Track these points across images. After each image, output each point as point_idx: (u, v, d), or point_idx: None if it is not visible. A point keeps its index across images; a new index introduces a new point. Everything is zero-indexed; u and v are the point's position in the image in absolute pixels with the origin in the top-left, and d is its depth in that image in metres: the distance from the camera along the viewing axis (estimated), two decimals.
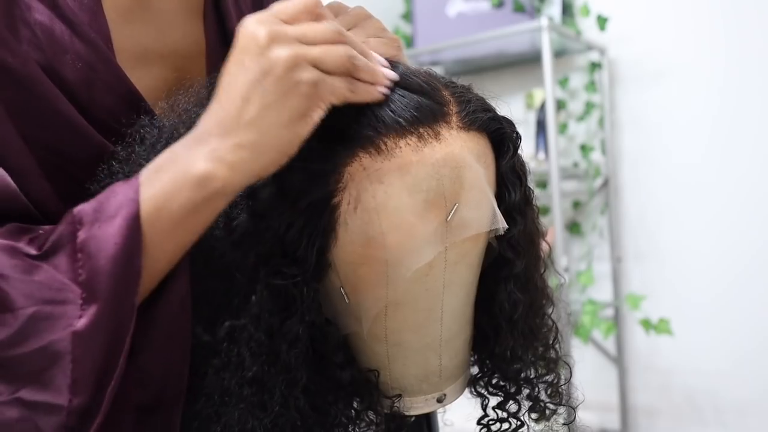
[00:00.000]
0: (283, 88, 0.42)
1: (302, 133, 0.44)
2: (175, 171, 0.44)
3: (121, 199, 0.44)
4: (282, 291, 0.46)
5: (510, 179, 0.52)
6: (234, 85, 0.43)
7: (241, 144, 0.43)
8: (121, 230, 0.44)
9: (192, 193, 0.44)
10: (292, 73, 0.42)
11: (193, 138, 0.45)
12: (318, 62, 0.43)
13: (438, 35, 2.17)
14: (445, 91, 0.49)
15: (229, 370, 0.47)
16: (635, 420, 2.18)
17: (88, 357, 0.43)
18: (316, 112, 0.44)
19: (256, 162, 0.44)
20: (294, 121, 0.43)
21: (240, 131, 0.43)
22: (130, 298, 0.44)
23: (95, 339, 0.43)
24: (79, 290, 0.43)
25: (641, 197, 2.12)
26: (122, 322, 0.44)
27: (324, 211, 0.46)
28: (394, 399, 0.54)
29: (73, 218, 0.45)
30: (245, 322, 0.47)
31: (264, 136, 0.43)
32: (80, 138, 0.51)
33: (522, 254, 0.53)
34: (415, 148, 0.46)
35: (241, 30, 0.44)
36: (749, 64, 1.92)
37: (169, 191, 0.44)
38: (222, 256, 0.47)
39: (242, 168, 0.44)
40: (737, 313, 1.97)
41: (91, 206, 0.45)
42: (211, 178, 0.43)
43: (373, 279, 0.48)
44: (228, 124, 0.43)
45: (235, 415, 0.47)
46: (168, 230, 0.45)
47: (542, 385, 0.58)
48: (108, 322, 0.43)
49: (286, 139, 0.44)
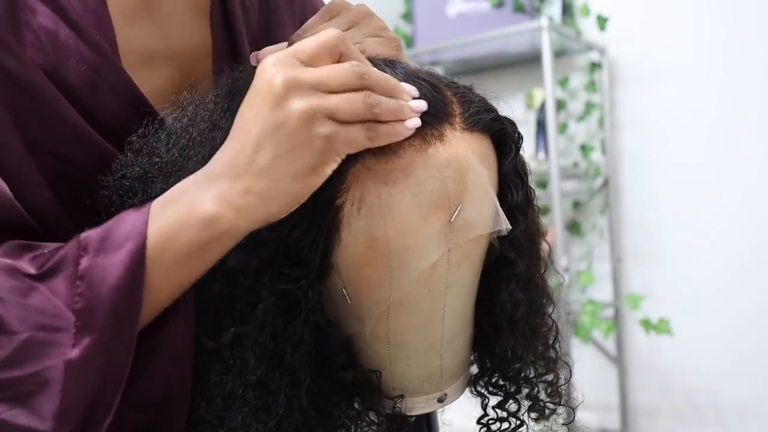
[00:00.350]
0: (296, 142, 0.42)
1: (313, 185, 0.43)
2: (182, 209, 0.44)
3: (129, 231, 0.44)
4: (286, 294, 0.46)
5: (512, 179, 0.52)
6: (248, 131, 0.43)
7: (249, 190, 0.43)
8: (124, 263, 0.43)
9: (197, 233, 0.44)
10: (307, 127, 0.41)
11: (204, 176, 0.45)
12: (335, 114, 0.42)
13: (438, 35, 2.17)
14: (447, 92, 0.49)
15: (233, 374, 0.47)
16: (635, 420, 2.18)
17: (79, 388, 0.42)
18: (330, 165, 0.43)
19: (264, 209, 0.43)
20: (305, 174, 0.43)
21: (250, 178, 0.43)
22: (128, 332, 0.43)
23: (88, 370, 0.42)
24: (73, 318, 0.43)
25: (641, 197, 2.12)
26: (119, 355, 0.43)
27: (328, 212, 0.46)
28: (396, 400, 0.54)
29: (79, 243, 0.44)
30: (250, 325, 0.46)
31: (274, 185, 0.43)
32: (85, 143, 0.51)
33: (524, 254, 0.53)
34: (419, 149, 0.46)
35: (259, 72, 0.43)
36: (749, 64, 1.92)
37: (174, 229, 0.44)
38: (225, 261, 0.47)
39: (249, 213, 0.43)
40: (737, 313, 1.97)
41: (98, 234, 0.45)
42: (218, 219, 0.43)
43: (376, 280, 0.48)
44: (239, 169, 0.43)
45: (239, 419, 0.47)
46: (171, 267, 0.44)
47: (542, 384, 0.58)
48: (103, 355, 0.43)
49: (295, 190, 0.43)
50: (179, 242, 0.44)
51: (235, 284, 0.47)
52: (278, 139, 0.42)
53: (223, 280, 0.48)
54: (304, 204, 0.45)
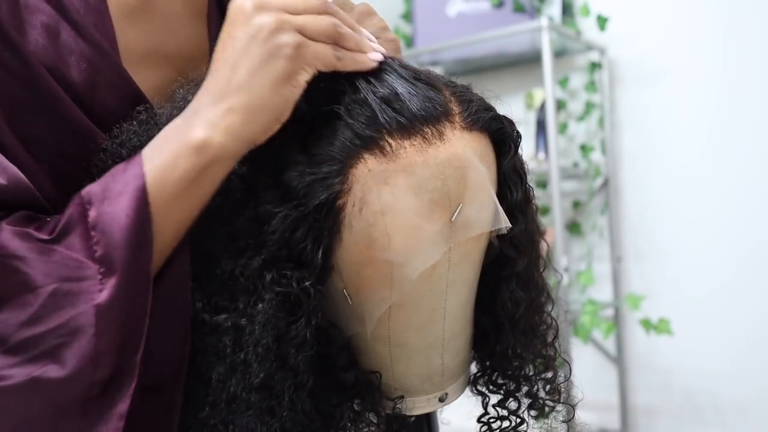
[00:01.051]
0: (267, 51, 0.45)
1: (290, 96, 0.46)
2: (174, 141, 0.47)
3: (127, 176, 0.46)
4: (288, 295, 0.46)
5: (511, 178, 0.52)
6: (223, 55, 0.46)
7: (232, 108, 0.45)
8: (130, 203, 0.45)
9: (191, 160, 0.46)
10: (276, 36, 0.45)
11: (191, 110, 0.47)
12: (301, 28, 0.45)
13: (438, 35, 2.17)
14: (446, 91, 0.49)
15: (236, 377, 0.47)
16: (635, 420, 2.18)
17: (111, 329, 0.44)
18: (302, 75, 0.46)
19: (249, 125, 0.46)
20: (281, 83, 0.45)
21: (230, 96, 0.45)
22: (145, 267, 0.45)
23: (117, 310, 0.44)
24: (96, 266, 0.44)
25: (641, 197, 2.12)
26: (141, 291, 0.45)
27: (329, 213, 0.46)
28: (397, 400, 0.54)
29: (82, 199, 0.46)
30: (252, 327, 0.46)
31: (253, 100, 0.45)
32: (85, 139, 0.52)
33: (523, 252, 0.54)
34: (419, 149, 0.46)
35: (231, 4, 0.47)
36: (749, 64, 1.92)
37: (170, 161, 0.46)
38: (227, 264, 0.47)
39: (236, 132, 0.46)
40: (737, 313, 1.97)
41: (99, 186, 0.47)
42: (208, 144, 0.45)
43: (377, 280, 0.48)
44: (219, 91, 0.46)
45: (244, 421, 0.47)
46: (172, 200, 0.46)
47: (541, 382, 0.58)
48: (127, 293, 0.45)
49: (274, 102, 0.46)
50: (176, 173, 0.46)
51: (237, 284, 0.47)
52: (250, 53, 0.45)
53: (226, 282, 0.48)
54: (306, 205, 0.45)
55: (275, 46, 0.45)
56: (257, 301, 0.46)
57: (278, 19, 0.45)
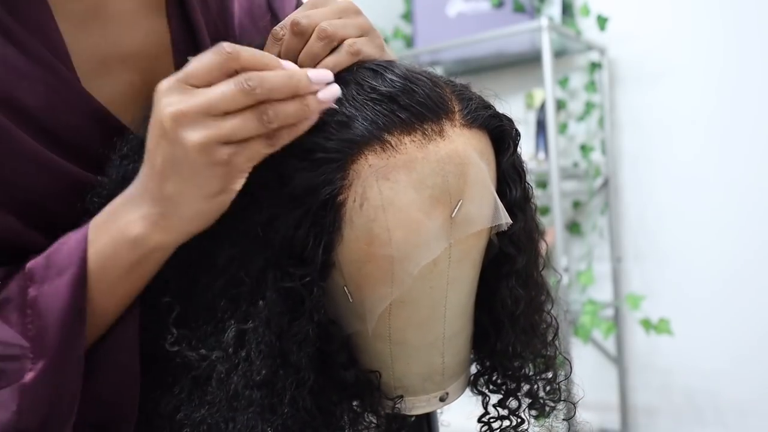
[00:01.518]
0: (198, 172, 0.43)
1: (226, 201, 0.45)
2: (114, 230, 0.47)
3: (70, 256, 0.47)
4: (290, 292, 0.46)
5: (510, 176, 0.52)
6: (153, 160, 0.45)
7: (166, 214, 0.45)
8: (68, 288, 0.46)
9: (130, 252, 0.47)
10: (205, 157, 0.42)
11: (129, 198, 0.47)
12: (230, 138, 0.42)
13: (438, 35, 2.17)
14: (446, 89, 0.49)
15: (238, 374, 0.46)
16: (635, 420, 2.18)
17: (35, 408, 0.45)
18: (237, 183, 0.45)
19: (185, 226, 0.46)
20: (215, 195, 0.45)
21: (164, 203, 0.45)
22: (76, 352, 0.46)
23: (42, 391, 0.45)
24: (28, 345, 0.45)
25: (641, 197, 2.12)
26: (70, 375, 0.46)
27: (330, 209, 0.46)
28: (396, 400, 0.54)
29: (25, 274, 0.47)
30: (254, 325, 0.46)
31: (187, 208, 0.45)
32: (46, 170, 0.50)
33: (523, 250, 0.54)
34: (419, 145, 0.46)
35: (155, 99, 0.44)
36: (749, 64, 1.92)
37: (110, 251, 0.47)
38: (229, 263, 0.47)
39: (172, 231, 0.46)
40: (737, 313, 1.97)
41: (41, 263, 0.47)
42: (146, 239, 0.46)
43: (377, 277, 0.48)
44: (153, 195, 0.45)
45: (245, 419, 0.47)
46: (113, 284, 0.47)
47: (541, 381, 0.58)
48: (56, 375, 0.45)
49: (210, 208, 0.46)
50: (117, 262, 0.47)
51: (240, 285, 0.47)
52: (181, 171, 0.43)
53: (227, 282, 0.48)
54: (308, 203, 0.45)
55: (206, 166, 0.43)
56: (260, 299, 0.46)
57: (205, 138, 0.42)
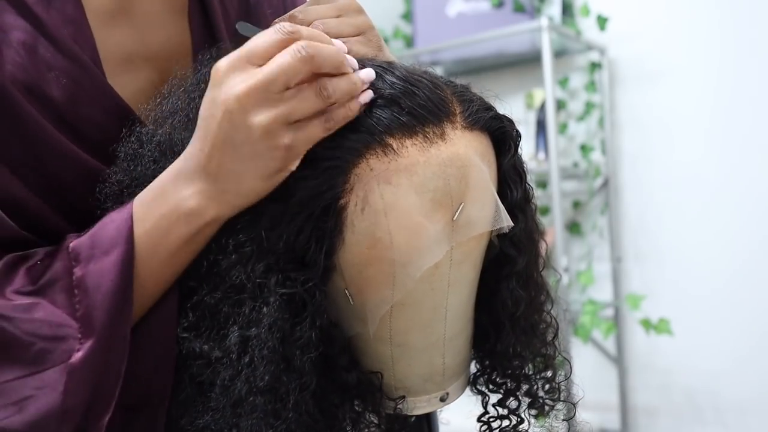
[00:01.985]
0: (259, 154, 0.44)
1: (280, 180, 0.46)
2: (166, 206, 0.47)
3: (115, 235, 0.47)
4: (293, 296, 0.46)
5: (511, 177, 0.52)
6: (212, 137, 0.45)
7: (224, 189, 0.46)
8: (115, 267, 0.46)
9: (183, 228, 0.47)
10: (268, 140, 0.44)
11: (180, 174, 0.47)
12: (292, 116, 0.44)
13: (438, 35, 2.17)
14: (447, 91, 0.49)
15: (241, 380, 0.46)
16: (635, 420, 2.18)
17: (81, 389, 0.45)
18: (293, 165, 0.45)
19: (240, 201, 0.47)
20: (271, 176, 0.45)
21: (221, 181, 0.46)
22: (123, 331, 0.46)
23: (90, 371, 0.45)
24: (77, 325, 0.45)
25: (641, 197, 2.12)
26: (115, 355, 0.46)
27: (331, 213, 0.46)
28: (397, 401, 0.54)
29: (68, 255, 0.47)
30: (257, 330, 0.46)
31: (244, 185, 0.46)
32: (68, 161, 0.51)
33: (523, 251, 0.54)
34: (421, 148, 0.46)
35: (214, 77, 0.45)
36: (749, 64, 1.92)
37: (164, 226, 0.47)
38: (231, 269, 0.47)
39: (227, 205, 0.47)
40: (737, 313, 1.97)
41: (86, 242, 0.47)
42: (201, 213, 0.47)
43: (379, 280, 0.48)
44: (211, 172, 0.46)
45: (249, 424, 0.47)
46: (164, 261, 0.48)
47: (541, 381, 0.58)
48: (103, 355, 0.45)
49: (264, 187, 0.46)
50: (169, 238, 0.47)
51: (242, 291, 0.47)
52: (241, 152, 0.44)
53: (230, 288, 0.48)
54: (310, 207, 0.45)
55: (268, 149, 0.44)
56: (262, 304, 0.46)
57: (269, 121, 0.43)
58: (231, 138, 0.44)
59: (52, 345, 0.45)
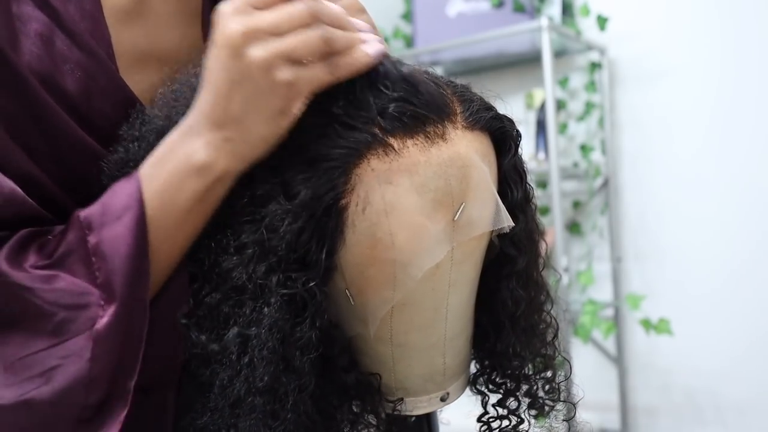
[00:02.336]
0: (261, 91, 0.44)
1: (284, 125, 0.46)
2: (175, 162, 0.47)
3: (126, 199, 0.46)
4: (293, 297, 0.46)
5: (512, 177, 0.52)
6: (217, 83, 0.45)
7: (230, 138, 0.46)
8: (130, 230, 0.46)
9: (196, 182, 0.46)
10: (269, 75, 0.44)
11: (188, 129, 0.47)
12: (293, 55, 0.44)
13: (438, 35, 2.17)
14: (447, 91, 0.49)
15: (240, 381, 0.46)
16: (635, 420, 2.18)
17: (107, 355, 0.45)
18: (296, 106, 0.46)
19: (248, 150, 0.46)
20: (275, 117, 0.45)
21: (227, 125, 0.46)
22: (143, 295, 0.46)
23: (114, 337, 0.45)
24: (98, 292, 0.45)
25: (641, 197, 2.12)
26: (138, 318, 0.46)
27: (332, 213, 0.46)
28: (396, 402, 0.54)
29: (81, 224, 0.47)
30: (257, 330, 0.46)
31: (250, 130, 0.46)
32: (79, 149, 0.52)
33: (523, 251, 0.54)
34: (422, 148, 0.46)
35: (217, 21, 0.45)
36: (749, 64, 1.93)
37: (175, 183, 0.47)
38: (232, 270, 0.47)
39: (237, 156, 0.46)
40: (737, 313, 1.97)
41: (97, 210, 0.47)
42: (212, 166, 0.46)
43: (380, 280, 0.48)
44: (217, 119, 0.46)
45: (247, 425, 0.47)
46: (177, 223, 0.47)
47: (541, 381, 0.58)
48: (126, 320, 0.45)
49: (270, 131, 0.46)
50: (181, 195, 0.47)
51: (243, 291, 0.47)
52: (244, 89, 0.44)
53: (231, 288, 0.48)
54: (311, 208, 0.45)
55: (269, 86, 0.44)
56: (263, 305, 0.46)
57: (269, 55, 0.43)
58: (234, 75, 0.44)
59: (75, 314, 0.45)
